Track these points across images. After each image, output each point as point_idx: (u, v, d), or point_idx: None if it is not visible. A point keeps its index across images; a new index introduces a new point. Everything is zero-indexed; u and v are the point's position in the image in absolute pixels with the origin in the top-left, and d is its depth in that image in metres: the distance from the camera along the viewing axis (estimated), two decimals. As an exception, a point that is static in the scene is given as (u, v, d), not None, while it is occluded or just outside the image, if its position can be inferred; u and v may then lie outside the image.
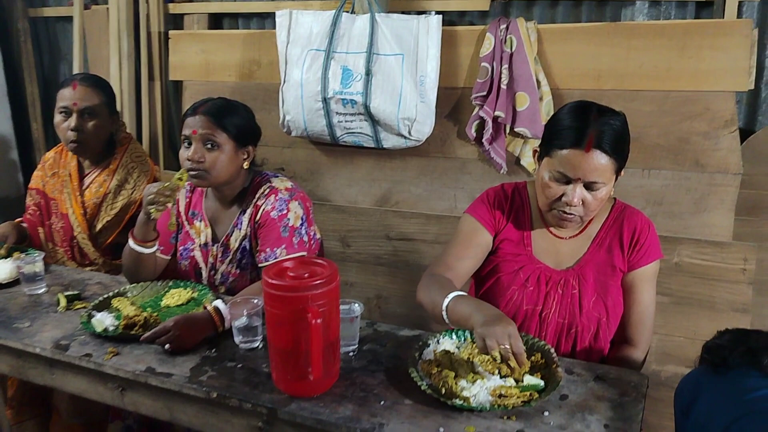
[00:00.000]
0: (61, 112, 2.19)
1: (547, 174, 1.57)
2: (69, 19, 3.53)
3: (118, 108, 3.05)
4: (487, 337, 1.37)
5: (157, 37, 3.29)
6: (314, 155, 2.87)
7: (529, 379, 1.39)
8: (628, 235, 1.66)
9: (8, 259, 2.08)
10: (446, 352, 1.48)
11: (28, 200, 2.39)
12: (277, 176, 1.98)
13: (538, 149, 1.65)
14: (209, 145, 1.82)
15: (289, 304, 1.33)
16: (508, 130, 2.46)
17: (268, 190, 1.90)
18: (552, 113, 2.39)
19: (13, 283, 1.99)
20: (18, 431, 2.29)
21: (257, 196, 1.90)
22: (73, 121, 2.16)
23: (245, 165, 1.91)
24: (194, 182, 1.86)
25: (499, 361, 1.38)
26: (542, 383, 1.38)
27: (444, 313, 1.54)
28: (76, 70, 3.49)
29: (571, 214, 1.57)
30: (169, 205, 1.80)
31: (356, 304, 1.58)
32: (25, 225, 2.33)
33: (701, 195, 2.24)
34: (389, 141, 2.60)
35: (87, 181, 2.30)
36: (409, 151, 2.65)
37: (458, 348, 1.54)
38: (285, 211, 1.87)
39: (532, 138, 2.42)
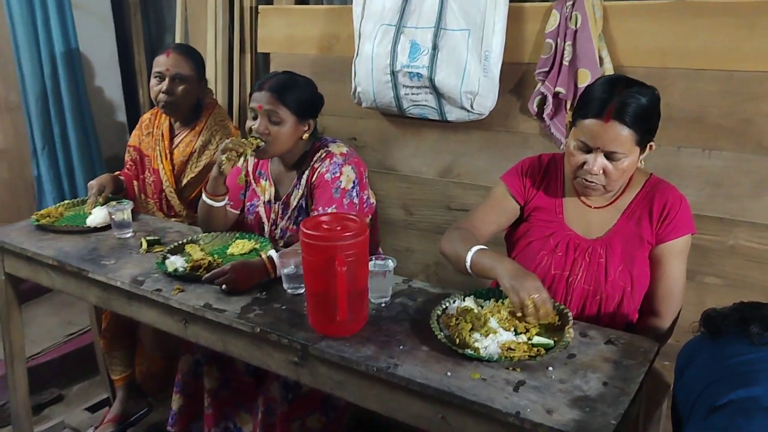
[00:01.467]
0: (155, 77, 2.45)
1: (572, 142, 1.66)
2: (174, -6, 3.84)
3: (213, 77, 3.34)
4: (520, 290, 1.50)
5: (249, 12, 3.52)
6: (384, 126, 3.00)
7: (539, 339, 1.49)
8: (658, 208, 1.70)
9: (104, 207, 2.37)
10: (467, 309, 1.60)
11: (127, 156, 2.70)
12: (335, 142, 2.14)
13: (570, 119, 1.72)
14: (273, 120, 2.00)
15: (321, 253, 1.49)
16: (569, 106, 2.49)
17: (324, 154, 2.07)
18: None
19: (106, 227, 2.27)
20: (109, 359, 2.62)
21: (315, 159, 2.08)
22: (165, 84, 2.42)
23: (305, 136, 2.08)
24: (255, 154, 2.04)
25: (530, 311, 1.48)
26: (552, 342, 1.47)
27: (467, 264, 1.67)
28: (178, 41, 3.80)
29: (592, 182, 1.64)
30: (239, 160, 1.99)
31: (390, 260, 1.72)
32: (122, 178, 2.62)
33: (762, 178, 2.19)
34: (453, 114, 2.69)
35: (176, 140, 2.57)
36: (473, 125, 2.73)
37: (481, 307, 1.65)
38: (338, 174, 2.03)
39: (591, 115, 2.44)
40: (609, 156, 1.60)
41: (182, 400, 2.24)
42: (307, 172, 2.09)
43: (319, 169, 2.05)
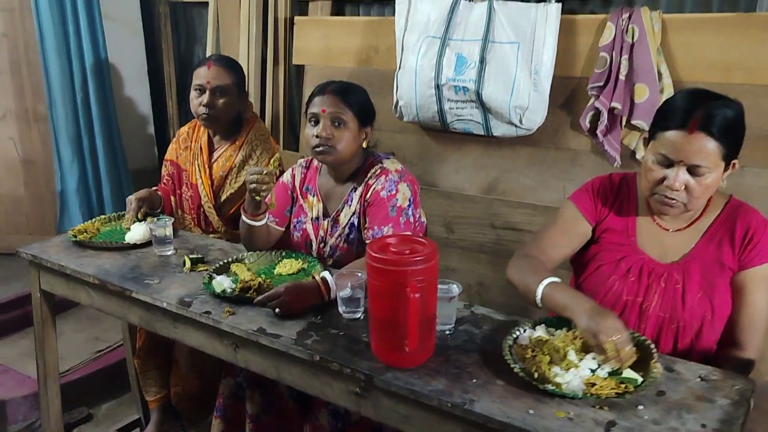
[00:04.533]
0: (195, 89, 2.38)
1: (651, 157, 1.57)
2: (205, 5, 3.78)
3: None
4: (600, 333, 1.38)
5: (283, 23, 3.46)
6: (424, 141, 2.92)
7: (627, 373, 1.38)
8: (740, 233, 1.60)
9: (143, 222, 2.29)
10: (541, 339, 1.50)
11: (163, 171, 2.62)
12: (389, 158, 2.05)
13: (648, 134, 1.63)
14: (336, 123, 1.93)
15: (390, 278, 1.39)
16: (624, 123, 2.40)
17: (379, 170, 1.98)
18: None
19: (146, 244, 2.19)
20: (143, 379, 2.53)
21: (369, 175, 1.99)
22: (205, 97, 2.35)
23: (364, 144, 2.01)
24: (319, 158, 1.97)
25: (611, 355, 1.37)
26: (640, 378, 1.37)
27: (538, 297, 1.57)
28: (209, 52, 3.74)
29: (672, 199, 1.54)
30: (270, 189, 1.90)
31: (455, 285, 1.63)
32: (160, 193, 2.54)
33: (832, 198, 2.09)
34: (499, 129, 2.61)
35: (216, 155, 2.49)
36: (519, 140, 2.64)
37: (552, 336, 1.55)
38: (394, 192, 1.94)
39: (649, 131, 2.35)
40: (692, 171, 1.50)
41: (223, 425, 2.14)
42: (360, 189, 2.00)
43: (374, 186, 1.96)
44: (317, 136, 1.92)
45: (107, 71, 3.56)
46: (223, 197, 2.47)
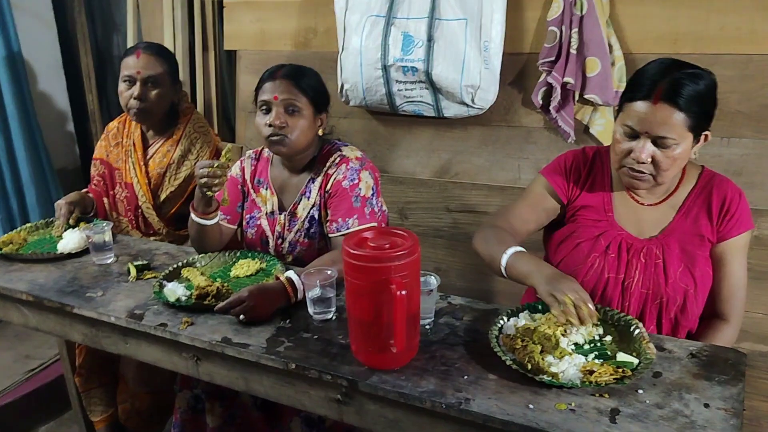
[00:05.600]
0: (124, 81, 2.18)
1: (618, 129, 1.54)
2: (123, -12, 3.52)
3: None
4: (555, 291, 1.39)
5: (211, 6, 3.26)
6: (371, 125, 2.81)
7: (622, 356, 1.34)
8: (717, 204, 1.58)
9: (76, 228, 2.09)
10: (528, 327, 1.43)
11: (93, 170, 2.40)
12: (347, 145, 1.94)
13: (618, 106, 1.59)
14: (290, 110, 1.79)
15: (371, 275, 1.29)
16: (577, 97, 2.36)
17: (338, 158, 1.86)
18: (624, 79, 2.30)
19: (82, 252, 2.00)
20: (86, 398, 2.33)
21: (328, 164, 1.87)
22: (136, 89, 2.15)
23: (320, 132, 1.88)
24: (274, 149, 1.84)
25: (573, 312, 1.36)
26: (635, 360, 1.32)
27: (503, 267, 1.54)
28: (130, 41, 3.49)
29: (640, 172, 1.51)
30: (223, 183, 1.76)
31: (432, 277, 1.54)
32: (91, 195, 2.33)
33: (785, 165, 2.12)
34: (451, 110, 2.52)
35: (151, 150, 2.30)
36: (471, 120, 2.57)
37: (535, 321, 1.49)
38: (356, 181, 1.83)
39: (602, 105, 2.32)
40: (658, 142, 1.47)
41: (182, 442, 1.99)
42: (319, 179, 1.87)
43: (334, 176, 1.84)
44: (270, 125, 1.78)
45: (21, 65, 3.25)
46: (163, 196, 2.28)
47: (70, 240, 2.00)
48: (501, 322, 1.48)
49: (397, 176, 2.75)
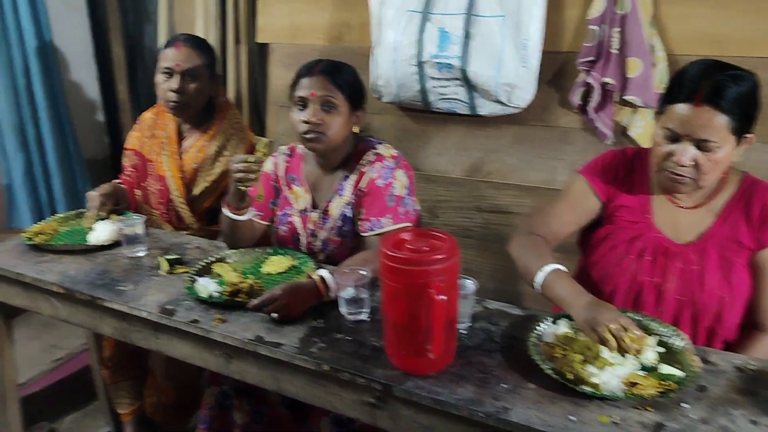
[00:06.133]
0: (163, 72, 2.16)
1: (659, 132, 1.50)
2: (156, -21, 3.52)
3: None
4: (595, 325, 1.34)
5: (244, -2, 3.24)
6: (403, 122, 2.78)
7: (666, 368, 1.29)
8: (757, 210, 1.53)
9: (107, 220, 2.09)
10: (568, 336, 1.39)
11: (125, 161, 2.40)
12: (381, 143, 1.90)
13: (658, 109, 1.55)
14: (327, 107, 1.76)
15: (409, 278, 1.26)
16: (616, 99, 2.31)
17: (373, 156, 1.83)
18: (666, 81, 2.24)
19: (113, 245, 1.99)
20: (113, 391, 2.33)
21: (362, 162, 1.84)
22: (174, 82, 2.13)
23: (355, 129, 1.85)
24: (309, 146, 1.81)
25: (614, 345, 1.31)
26: (680, 373, 1.28)
27: (537, 284, 1.51)
28: (161, 32, 3.49)
29: (681, 175, 1.47)
30: (257, 178, 1.73)
31: (469, 281, 1.50)
32: (123, 186, 2.33)
33: (833, 171, 2.05)
34: (485, 108, 2.48)
35: (185, 144, 2.28)
36: (505, 119, 2.52)
37: (575, 330, 1.45)
38: (390, 180, 1.80)
39: (643, 107, 2.26)
40: (700, 145, 1.43)
41: (209, 438, 1.98)
42: (352, 177, 1.84)
43: (368, 174, 1.81)
44: (306, 122, 1.75)
45: (51, 54, 3.26)
46: (196, 191, 2.27)
47: (102, 232, 2.00)
48: (539, 329, 1.45)
49: (429, 174, 2.71)
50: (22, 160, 3.21)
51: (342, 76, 1.79)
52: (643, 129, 2.31)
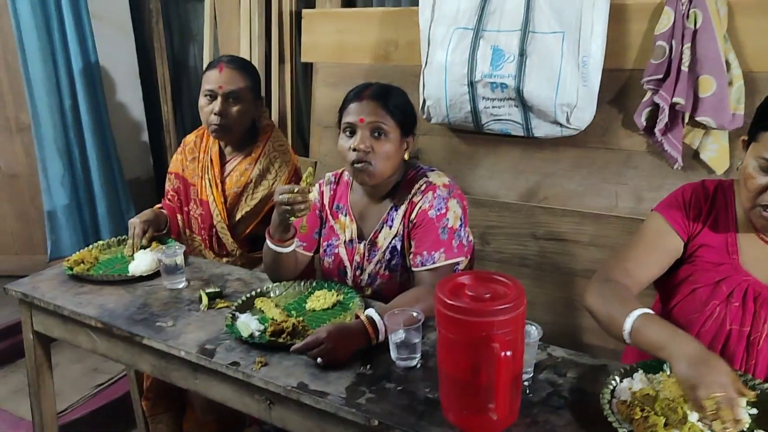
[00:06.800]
0: (206, 95, 2.09)
1: (752, 162, 1.32)
2: (201, -1, 3.49)
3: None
4: (699, 386, 1.13)
5: (289, 17, 3.17)
6: (453, 143, 2.65)
7: (763, 436, 1.13)
8: None
9: (148, 249, 2.01)
10: (648, 394, 1.23)
11: (167, 185, 2.33)
12: (433, 170, 1.78)
13: (747, 136, 1.37)
14: (377, 134, 1.65)
15: (470, 330, 1.13)
16: (686, 119, 2.14)
17: (425, 185, 1.71)
18: (742, 101, 2.07)
19: (153, 275, 1.91)
20: (153, 423, 2.26)
21: (413, 191, 1.72)
22: (217, 105, 2.06)
23: (406, 156, 1.74)
24: (359, 179, 1.71)
25: (710, 415, 1.12)
26: (781, 445, 1.11)
27: (626, 332, 1.31)
28: (206, 51, 3.45)
29: None
30: (306, 210, 1.63)
31: (533, 327, 1.36)
32: (165, 212, 2.26)
33: None
34: (542, 129, 2.34)
35: (228, 167, 2.20)
36: (562, 141, 2.37)
37: (654, 384, 1.29)
38: (444, 211, 1.67)
39: (717, 129, 2.09)
40: None
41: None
42: (403, 207, 1.73)
43: (420, 204, 1.69)
44: (355, 149, 1.64)
45: (98, 75, 3.25)
46: (238, 216, 2.18)
47: (142, 262, 1.93)
48: (613, 383, 1.29)
49: (479, 198, 2.57)
50: (68, 183, 3.20)
51: (393, 101, 1.68)
52: (716, 152, 2.13)
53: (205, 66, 3.37)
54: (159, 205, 2.30)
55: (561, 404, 1.29)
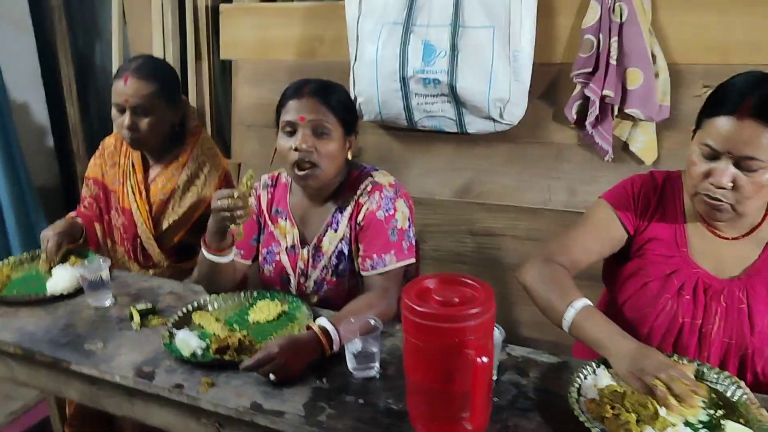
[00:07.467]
0: (114, 107, 1.92)
1: (696, 149, 1.35)
2: (107, -6, 3.27)
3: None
4: (644, 376, 1.18)
5: (205, 12, 3.02)
6: (385, 141, 2.60)
7: (733, 427, 1.14)
8: None
9: (66, 264, 1.84)
10: (616, 390, 1.22)
11: (84, 191, 2.14)
12: (378, 169, 1.72)
13: (694, 125, 1.40)
14: (319, 132, 1.57)
15: (441, 337, 1.08)
16: (616, 112, 2.17)
17: (371, 185, 1.64)
18: (668, 92, 2.12)
19: (75, 293, 1.75)
20: (78, 452, 2.07)
21: (359, 192, 1.65)
22: (126, 118, 1.89)
23: (349, 155, 1.66)
24: (302, 183, 1.62)
25: (664, 396, 1.14)
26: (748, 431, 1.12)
27: (566, 324, 1.34)
28: (114, 50, 3.24)
29: (718, 200, 1.32)
30: (247, 217, 1.52)
31: (497, 329, 1.32)
32: (79, 220, 2.07)
33: None
34: (475, 125, 2.32)
35: (152, 173, 2.04)
36: (496, 137, 2.37)
37: (617, 380, 1.28)
38: (392, 212, 1.61)
39: (645, 120, 2.14)
40: (742, 164, 1.28)
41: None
42: (348, 209, 1.65)
43: (367, 206, 1.62)
44: (296, 149, 1.55)
45: (-2, 75, 2.98)
46: (165, 225, 2.03)
47: (61, 279, 1.76)
48: (578, 381, 1.28)
49: (414, 196, 2.47)
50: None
51: (334, 97, 1.60)
52: (644, 144, 2.18)
53: (114, 67, 3.18)
54: (73, 214, 2.11)
55: (529, 406, 1.26)
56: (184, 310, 1.61)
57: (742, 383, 1.24)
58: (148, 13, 3.09)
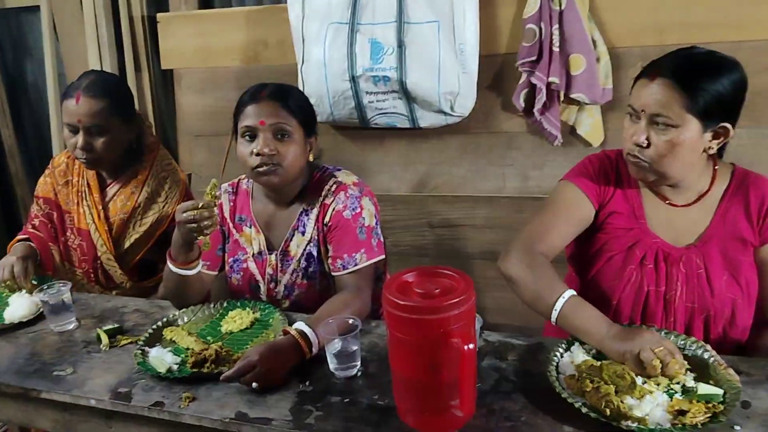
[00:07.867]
0: (66, 128, 1.86)
1: (626, 116, 1.47)
2: (35, 9, 3.14)
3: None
4: (641, 350, 1.23)
5: (141, 22, 2.95)
6: (337, 141, 2.60)
7: (705, 388, 1.19)
8: (755, 204, 1.46)
9: (23, 291, 1.78)
10: (592, 365, 1.27)
11: (35, 210, 2.05)
12: (340, 169, 1.72)
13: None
14: (279, 135, 1.56)
15: (426, 329, 1.09)
16: (562, 98, 2.24)
17: (335, 186, 1.65)
18: (610, 75, 2.20)
19: (35, 319, 1.69)
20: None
21: (323, 193, 1.65)
22: (80, 139, 1.83)
23: (310, 157, 1.66)
24: (263, 181, 1.60)
25: (659, 369, 1.21)
26: (720, 391, 1.18)
27: (555, 313, 1.36)
28: (47, 66, 3.12)
29: (637, 157, 1.41)
30: (214, 226, 1.51)
31: (476, 316, 1.34)
32: (31, 243, 2.00)
33: (783, 153, 2.07)
34: (427, 119, 2.35)
35: (110, 192, 1.98)
36: (447, 129, 2.41)
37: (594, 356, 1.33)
38: (359, 210, 1.62)
39: (590, 104, 2.21)
40: (654, 122, 1.38)
41: None
42: (314, 211, 1.65)
43: (333, 206, 1.62)
44: (258, 154, 1.54)
45: None
46: (126, 244, 1.97)
47: (19, 306, 1.70)
48: (555, 360, 1.31)
49: (371, 194, 2.54)
50: None
51: (293, 100, 1.60)
52: (591, 127, 2.25)
53: (49, 85, 3.07)
54: (23, 236, 2.02)
55: (511, 388, 1.29)
56: (154, 326, 1.58)
57: (708, 346, 1.30)
58: (81, 26, 3.00)
